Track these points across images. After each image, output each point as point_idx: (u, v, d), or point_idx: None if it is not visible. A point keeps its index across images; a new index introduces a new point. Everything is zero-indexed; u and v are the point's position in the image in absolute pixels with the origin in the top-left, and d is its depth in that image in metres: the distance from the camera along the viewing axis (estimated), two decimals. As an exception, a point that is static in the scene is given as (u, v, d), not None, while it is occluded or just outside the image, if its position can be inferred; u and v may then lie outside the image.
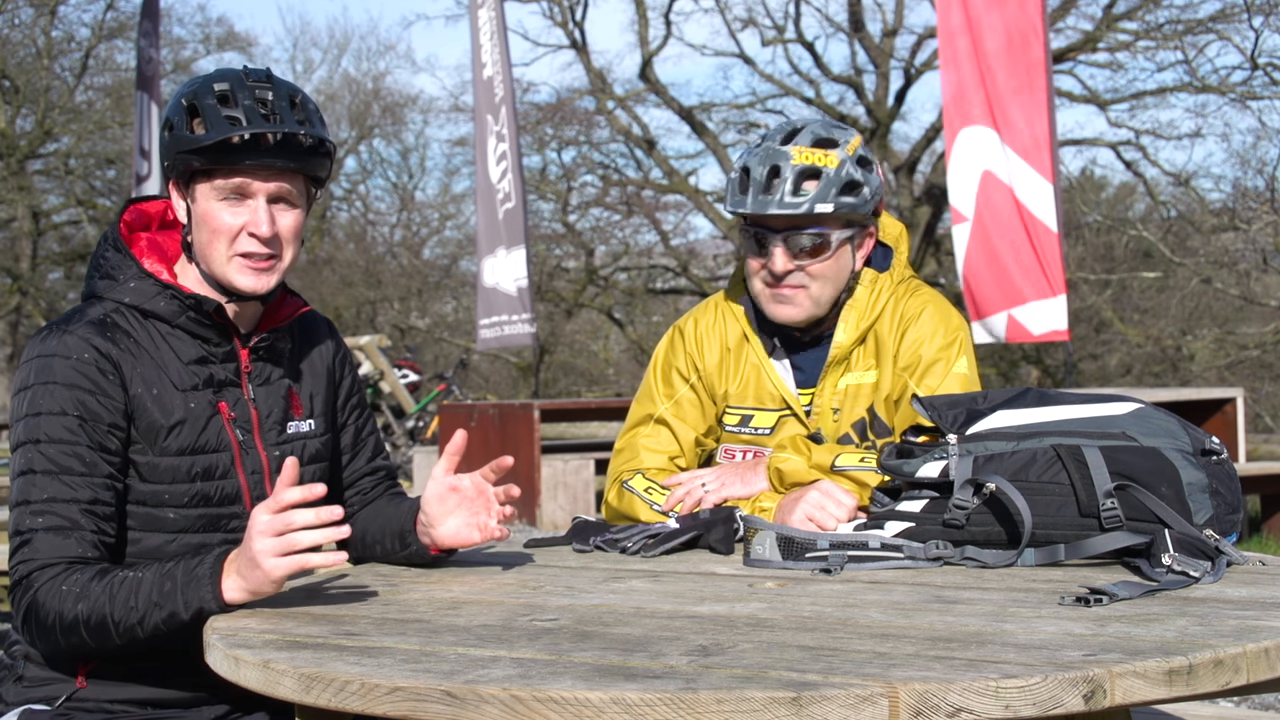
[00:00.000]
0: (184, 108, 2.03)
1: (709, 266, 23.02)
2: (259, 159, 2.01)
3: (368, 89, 27.42)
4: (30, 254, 22.82)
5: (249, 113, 2.00)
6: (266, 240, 2.05)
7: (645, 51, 20.64)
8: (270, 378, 2.17)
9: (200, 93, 2.03)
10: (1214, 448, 2.12)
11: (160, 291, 2.08)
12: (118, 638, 1.89)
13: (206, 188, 2.04)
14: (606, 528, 2.39)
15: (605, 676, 1.39)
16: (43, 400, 1.97)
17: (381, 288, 24.71)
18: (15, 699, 2.04)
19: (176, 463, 2.03)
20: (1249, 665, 1.45)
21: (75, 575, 1.90)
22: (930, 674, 1.36)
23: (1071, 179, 20.07)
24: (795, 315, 2.53)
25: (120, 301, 2.07)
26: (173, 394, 2.05)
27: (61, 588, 1.89)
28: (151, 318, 2.07)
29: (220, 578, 1.85)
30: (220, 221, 2.04)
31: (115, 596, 1.88)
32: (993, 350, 17.79)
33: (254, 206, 2.05)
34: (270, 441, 2.14)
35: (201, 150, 2.00)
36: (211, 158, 2.01)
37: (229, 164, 2.01)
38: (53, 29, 22.41)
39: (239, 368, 2.13)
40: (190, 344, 2.09)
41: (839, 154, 2.47)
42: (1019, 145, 7.91)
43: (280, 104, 2.03)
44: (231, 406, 2.10)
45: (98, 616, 1.88)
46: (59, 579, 1.90)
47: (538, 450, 9.83)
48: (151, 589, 1.87)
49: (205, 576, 1.86)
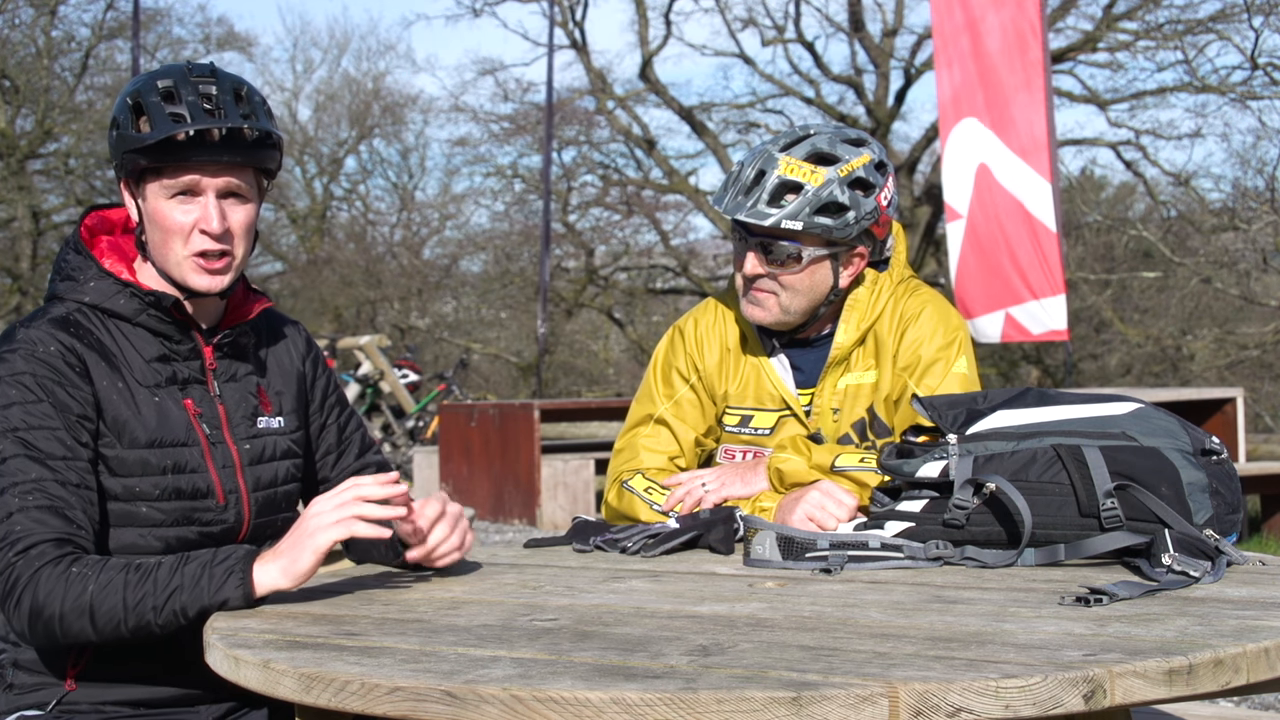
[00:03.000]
0: (129, 106, 2.02)
1: (709, 266, 23.02)
2: (205, 155, 2.00)
3: (368, 89, 27.41)
4: (30, 254, 22.81)
5: (192, 108, 1.99)
6: (218, 236, 2.04)
7: (645, 51, 20.64)
8: (236, 374, 2.16)
9: (144, 90, 2.02)
10: (1214, 448, 2.12)
11: (120, 290, 2.07)
12: (127, 629, 1.85)
13: (156, 186, 2.03)
14: (606, 528, 2.39)
15: (605, 676, 1.39)
16: (12, 392, 1.95)
17: (381, 288, 24.70)
18: (6, 707, 2.02)
19: (146, 455, 2.02)
20: (1249, 665, 1.45)
21: (80, 560, 1.86)
22: (930, 674, 1.36)
23: (1071, 179, 20.07)
24: (763, 318, 2.53)
25: (81, 301, 2.06)
26: (137, 389, 2.04)
27: (72, 569, 1.84)
28: (112, 316, 2.06)
29: (249, 569, 1.85)
30: (171, 220, 2.03)
31: (130, 583, 1.84)
32: (993, 350, 17.78)
33: (204, 203, 2.03)
34: (240, 435, 2.13)
35: (147, 149, 1.99)
36: (157, 155, 2.00)
37: (176, 161, 2.00)
38: (53, 29, 22.40)
39: (203, 365, 2.12)
40: (152, 342, 2.08)
41: (829, 172, 2.43)
42: (1017, 145, 7.92)
43: (224, 98, 2.02)
44: (197, 403, 2.09)
45: (110, 605, 1.83)
46: (61, 562, 1.85)
47: (538, 450, 9.83)
48: (172, 576, 1.84)
49: (239, 563, 1.85)
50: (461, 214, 26.37)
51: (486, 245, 25.09)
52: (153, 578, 1.85)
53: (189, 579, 1.84)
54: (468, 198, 25.99)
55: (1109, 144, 19.48)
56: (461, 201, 26.17)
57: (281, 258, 25.11)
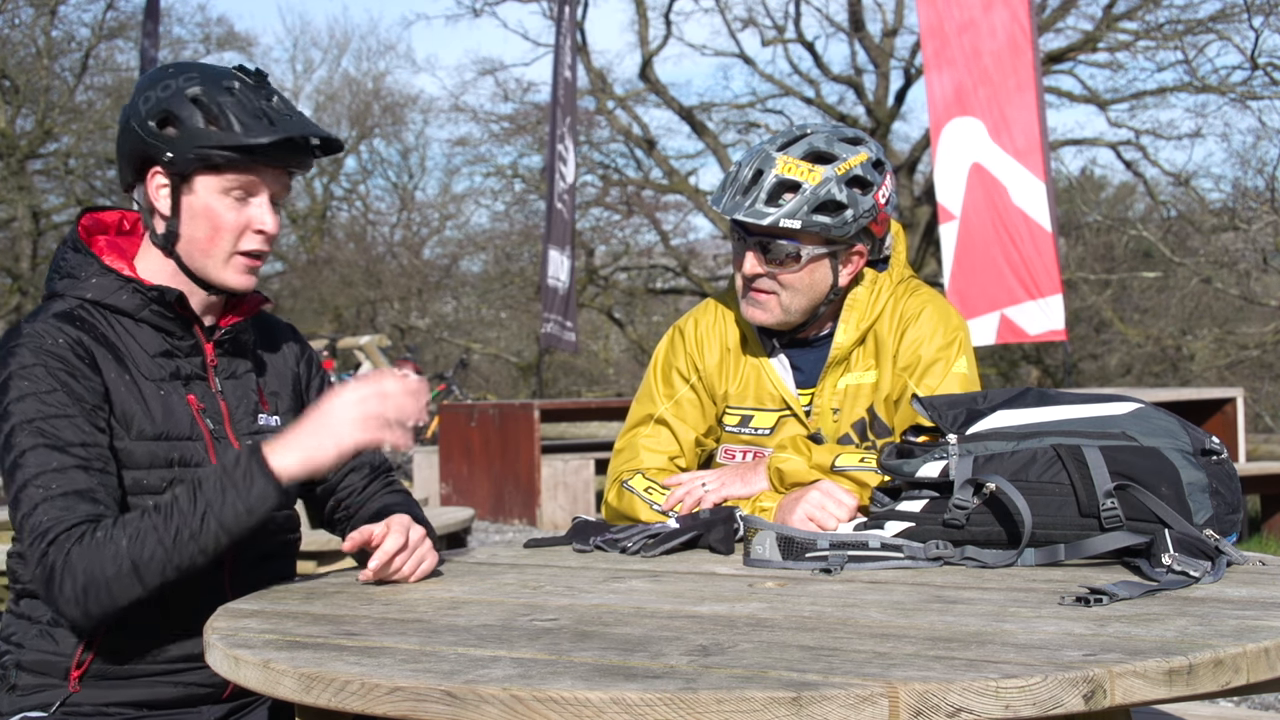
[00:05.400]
0: (189, 100, 2.01)
1: (709, 266, 23.02)
2: (280, 160, 2.04)
3: (368, 89, 27.43)
4: (30, 254, 22.81)
5: (275, 113, 2.02)
6: (271, 238, 2.08)
7: (645, 51, 20.65)
8: (237, 371, 2.17)
9: (210, 88, 2.02)
10: (1214, 448, 2.12)
11: (122, 286, 2.07)
12: (173, 569, 1.86)
13: (212, 181, 2.03)
14: (606, 528, 2.39)
15: (605, 676, 1.39)
16: (25, 384, 1.95)
17: (381, 288, 24.71)
18: (9, 708, 2.02)
19: (153, 448, 2.02)
20: (1249, 665, 1.45)
21: (103, 527, 1.87)
22: (930, 674, 1.36)
23: (1071, 179, 20.08)
24: (764, 319, 2.53)
25: (83, 298, 2.06)
26: (143, 382, 2.04)
27: (97, 534, 1.85)
28: (115, 312, 2.07)
29: (265, 461, 1.88)
30: (224, 218, 2.05)
31: (157, 525, 1.85)
32: (993, 350, 17.78)
33: (260, 204, 2.06)
34: (242, 432, 2.14)
35: (236, 148, 2.00)
36: (240, 155, 2.01)
37: (248, 162, 2.02)
38: (53, 29, 22.40)
39: (205, 361, 2.13)
40: (154, 337, 2.08)
41: (827, 171, 2.42)
42: (1011, 146, 7.93)
43: (292, 105, 2.07)
44: (200, 398, 2.10)
45: (149, 551, 1.84)
46: (89, 535, 1.86)
47: (538, 450, 9.84)
48: (194, 502, 1.86)
49: (253, 462, 1.88)
50: (461, 214, 26.39)
51: (486, 245, 25.11)
52: (177, 510, 1.86)
53: (214, 496, 1.86)
54: (468, 198, 26.01)
55: (1109, 144, 19.49)
56: (461, 201, 26.19)
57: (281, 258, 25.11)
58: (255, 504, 1.88)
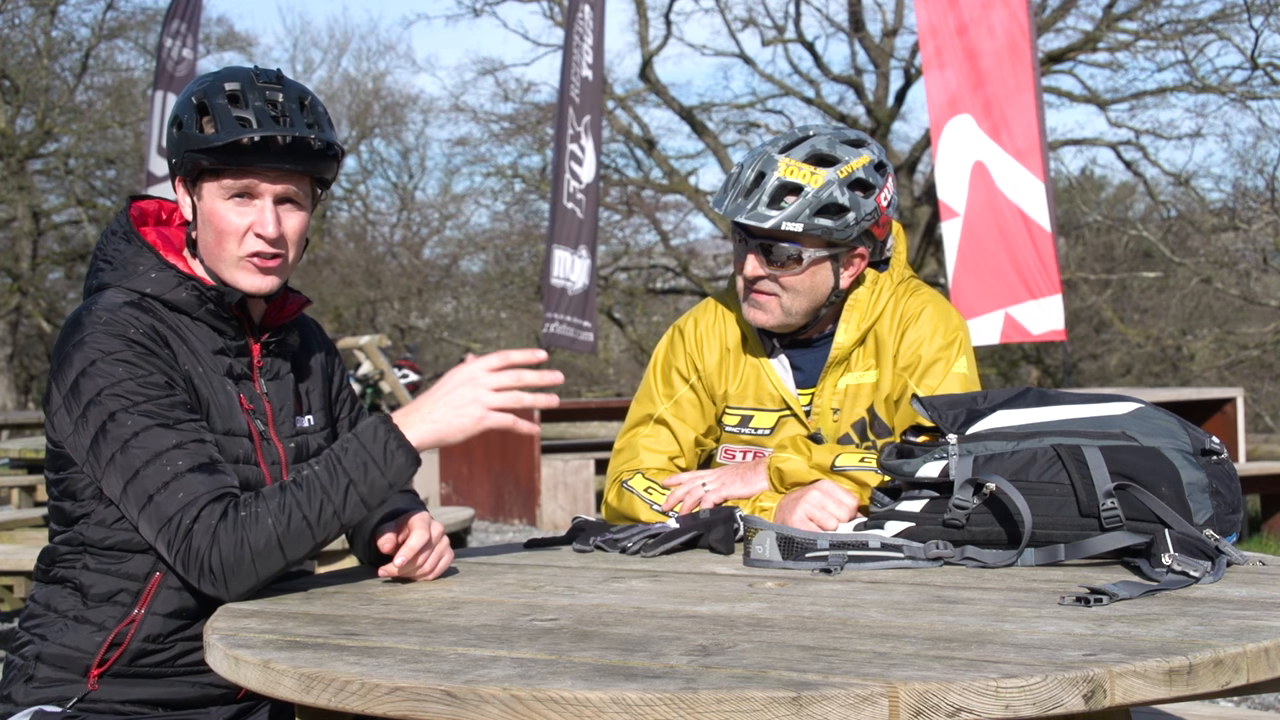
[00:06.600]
0: (193, 106, 2.03)
1: (709, 266, 23.03)
2: (268, 161, 2.02)
3: (368, 89, 27.45)
4: (30, 254, 22.81)
5: (259, 114, 2.01)
6: (272, 241, 2.06)
7: (645, 51, 20.65)
8: (279, 373, 2.18)
9: (210, 92, 2.03)
10: (1214, 448, 2.12)
11: (182, 283, 2.08)
12: (316, 541, 1.90)
13: (214, 186, 2.05)
14: (606, 528, 2.39)
15: (605, 676, 1.39)
16: (119, 369, 1.94)
17: (381, 288, 24.72)
18: (25, 699, 2.01)
19: (223, 441, 2.03)
20: (1249, 665, 1.45)
21: (245, 503, 1.88)
22: (930, 674, 1.36)
23: (1072, 179, 20.09)
24: (765, 321, 2.53)
25: (141, 291, 2.06)
26: (210, 374, 2.06)
27: (240, 511, 1.87)
28: (172, 308, 2.07)
29: (403, 435, 1.93)
30: (227, 221, 2.05)
31: (300, 501, 1.88)
32: (993, 350, 17.78)
33: (260, 207, 2.05)
34: (285, 434, 2.15)
35: (211, 150, 2.00)
36: (221, 158, 2.01)
37: (238, 165, 2.02)
38: (53, 29, 22.41)
39: (251, 363, 2.14)
40: (210, 335, 2.09)
41: (829, 174, 2.42)
42: (1012, 146, 7.93)
43: (290, 106, 2.04)
44: (249, 399, 2.11)
45: (295, 526, 1.87)
46: (232, 511, 1.87)
47: (538, 450, 9.84)
48: (333, 476, 1.90)
49: (392, 438, 1.92)
50: (461, 214, 26.41)
51: (486, 245, 25.12)
52: (319, 486, 1.90)
53: (356, 471, 1.91)
54: (468, 198, 26.03)
55: (1109, 144, 19.50)
56: (461, 201, 26.21)
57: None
58: (396, 478, 1.92)
